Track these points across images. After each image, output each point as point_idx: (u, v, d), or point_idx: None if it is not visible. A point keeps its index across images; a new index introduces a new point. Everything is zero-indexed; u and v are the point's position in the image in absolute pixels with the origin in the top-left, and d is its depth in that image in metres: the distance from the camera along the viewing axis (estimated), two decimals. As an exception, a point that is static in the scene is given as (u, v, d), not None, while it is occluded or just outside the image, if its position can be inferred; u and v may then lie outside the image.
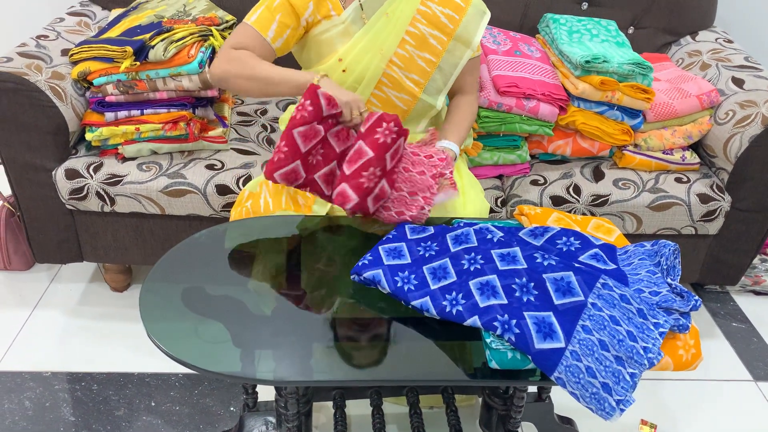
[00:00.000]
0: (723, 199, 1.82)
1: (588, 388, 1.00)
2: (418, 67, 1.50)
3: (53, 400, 1.73)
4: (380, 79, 1.49)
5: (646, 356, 1.02)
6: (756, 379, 1.93)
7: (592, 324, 1.04)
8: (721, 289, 2.28)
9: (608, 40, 1.96)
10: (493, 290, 1.09)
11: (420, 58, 1.49)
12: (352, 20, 1.46)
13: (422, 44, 1.48)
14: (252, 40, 1.44)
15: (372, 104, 1.53)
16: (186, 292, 1.20)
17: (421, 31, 1.47)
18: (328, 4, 1.44)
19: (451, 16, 1.48)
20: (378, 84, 1.50)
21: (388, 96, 1.52)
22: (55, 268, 2.21)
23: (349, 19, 1.45)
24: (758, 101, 1.80)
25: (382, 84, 1.50)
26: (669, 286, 1.13)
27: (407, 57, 1.48)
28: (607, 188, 1.82)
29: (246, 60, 1.41)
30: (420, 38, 1.48)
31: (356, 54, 1.47)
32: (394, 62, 1.48)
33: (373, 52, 1.46)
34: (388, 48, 1.46)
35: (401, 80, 1.50)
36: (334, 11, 1.44)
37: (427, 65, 1.51)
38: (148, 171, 1.77)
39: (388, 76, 1.49)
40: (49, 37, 1.90)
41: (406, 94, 1.52)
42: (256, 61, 1.41)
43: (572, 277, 1.10)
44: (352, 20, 1.46)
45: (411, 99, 1.53)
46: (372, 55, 1.47)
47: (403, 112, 1.56)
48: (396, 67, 1.49)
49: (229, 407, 1.74)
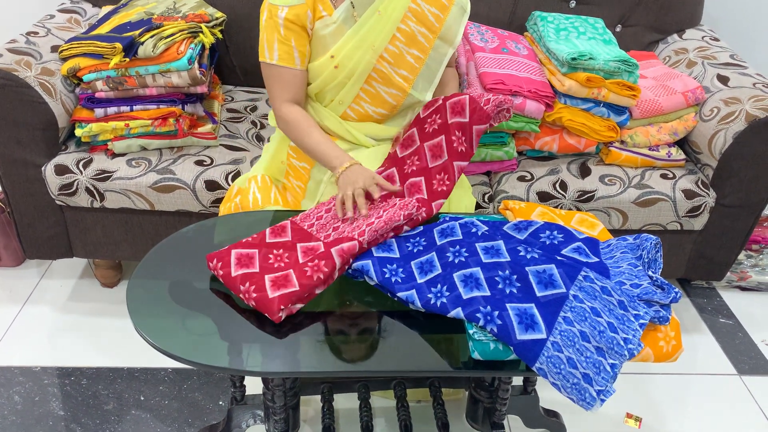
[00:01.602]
0: (708, 195, 1.84)
1: (569, 379, 1.01)
2: (407, 63, 1.53)
3: (42, 395, 1.74)
4: (370, 74, 1.51)
5: (626, 347, 1.04)
6: (740, 373, 1.95)
7: (574, 315, 1.05)
8: (708, 285, 2.30)
9: (595, 37, 1.98)
10: (477, 282, 1.11)
11: (409, 54, 1.52)
12: (343, 19, 1.48)
13: (411, 41, 1.51)
14: (287, 77, 1.49)
15: (362, 99, 1.55)
16: (173, 286, 1.21)
17: (411, 29, 1.50)
18: (319, 6, 1.47)
19: (437, 15, 1.52)
20: (368, 79, 1.52)
21: (378, 91, 1.54)
22: (45, 263, 2.21)
23: (341, 18, 1.47)
24: (742, 98, 1.82)
25: (372, 79, 1.52)
26: (650, 279, 1.15)
27: (397, 53, 1.50)
28: (594, 184, 1.83)
29: (294, 127, 1.50)
30: (409, 35, 1.50)
31: (348, 50, 1.49)
32: (384, 58, 1.50)
33: (364, 48, 1.48)
34: (380, 44, 1.48)
35: (391, 75, 1.52)
36: (326, 12, 1.47)
37: (415, 61, 1.53)
38: (138, 167, 1.78)
39: (378, 71, 1.51)
40: (39, 33, 1.91)
41: (395, 89, 1.54)
42: (302, 127, 1.49)
43: (554, 269, 1.11)
44: (343, 19, 1.48)
45: (400, 94, 1.55)
46: (363, 51, 1.49)
47: (392, 107, 1.57)
48: (386, 63, 1.51)
49: (218, 401, 1.75)
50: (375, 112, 1.57)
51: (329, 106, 1.58)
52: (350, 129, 1.57)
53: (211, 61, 2.01)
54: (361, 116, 1.58)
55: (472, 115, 1.44)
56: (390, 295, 1.17)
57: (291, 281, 1.13)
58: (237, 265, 1.17)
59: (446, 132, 1.44)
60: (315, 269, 1.15)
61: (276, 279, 1.14)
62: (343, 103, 1.56)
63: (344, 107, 1.56)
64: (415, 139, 1.48)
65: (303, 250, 1.23)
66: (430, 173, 1.42)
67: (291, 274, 1.15)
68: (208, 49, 1.92)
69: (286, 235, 1.27)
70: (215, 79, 2.15)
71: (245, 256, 1.19)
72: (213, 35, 1.94)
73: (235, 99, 2.16)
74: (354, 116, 1.58)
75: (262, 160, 1.69)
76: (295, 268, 1.16)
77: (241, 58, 2.20)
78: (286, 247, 1.24)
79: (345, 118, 1.58)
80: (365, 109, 1.56)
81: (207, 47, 1.90)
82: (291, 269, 1.16)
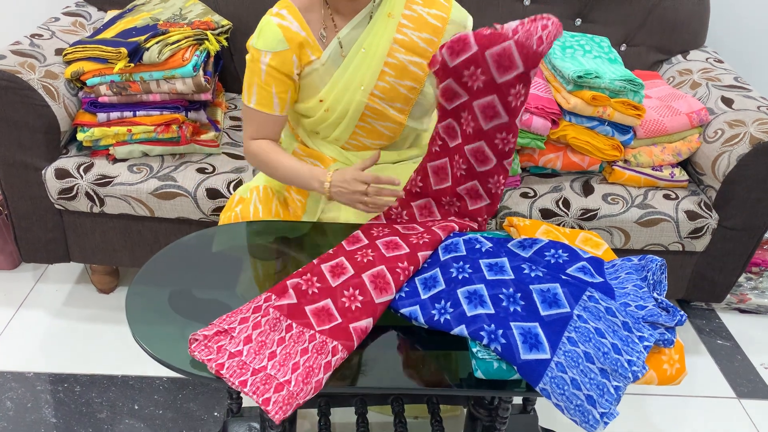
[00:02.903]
0: (710, 216, 1.83)
1: (573, 400, 1.00)
2: (401, 96, 1.47)
3: (35, 401, 1.72)
4: (363, 112, 1.46)
5: (630, 369, 1.03)
6: (739, 396, 1.94)
7: (578, 336, 1.04)
8: (707, 307, 2.29)
9: (601, 56, 1.98)
10: (481, 299, 1.10)
11: (402, 86, 1.45)
12: (332, 60, 1.42)
13: (402, 73, 1.44)
14: (262, 121, 1.44)
15: (359, 135, 1.51)
16: (173, 295, 1.20)
17: (400, 60, 1.43)
18: (307, 50, 1.40)
19: (430, 40, 1.44)
20: (362, 117, 1.47)
21: (374, 126, 1.50)
22: (41, 267, 2.19)
23: (329, 59, 1.42)
24: (747, 121, 1.82)
25: (366, 116, 1.47)
26: (655, 301, 1.14)
27: (388, 88, 1.44)
28: (596, 203, 1.83)
29: (261, 159, 1.46)
30: (400, 67, 1.43)
31: (336, 93, 1.44)
32: (375, 95, 1.44)
33: (353, 89, 1.43)
34: (369, 82, 1.42)
35: (385, 111, 1.47)
36: (314, 55, 1.41)
37: (409, 92, 1.47)
38: (139, 173, 1.77)
39: (372, 108, 1.46)
40: (44, 36, 1.90)
41: (391, 123, 1.50)
42: (270, 158, 1.44)
43: (559, 288, 1.10)
44: (332, 60, 1.42)
45: (397, 126, 1.51)
46: (353, 92, 1.43)
47: (390, 138, 1.54)
48: (378, 99, 1.45)
49: (213, 412, 1.73)
50: (373, 144, 1.54)
51: (327, 140, 1.55)
52: (350, 157, 1.54)
53: (215, 68, 2.01)
54: (360, 148, 1.55)
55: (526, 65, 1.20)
56: (393, 311, 1.16)
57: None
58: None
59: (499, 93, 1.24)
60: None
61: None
62: (339, 140, 1.52)
63: (341, 143, 1.53)
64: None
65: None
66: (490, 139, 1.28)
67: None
68: (213, 56, 1.91)
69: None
70: (219, 86, 2.15)
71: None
72: (218, 43, 1.94)
73: (239, 107, 2.15)
74: (352, 148, 1.55)
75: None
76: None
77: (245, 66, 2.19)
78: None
79: (344, 149, 1.55)
80: (363, 142, 1.53)
81: (212, 55, 1.90)
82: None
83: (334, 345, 1.06)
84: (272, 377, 1.01)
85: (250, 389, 1.00)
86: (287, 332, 1.08)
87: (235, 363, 1.03)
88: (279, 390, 1.00)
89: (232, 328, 1.07)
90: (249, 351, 1.05)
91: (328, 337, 1.07)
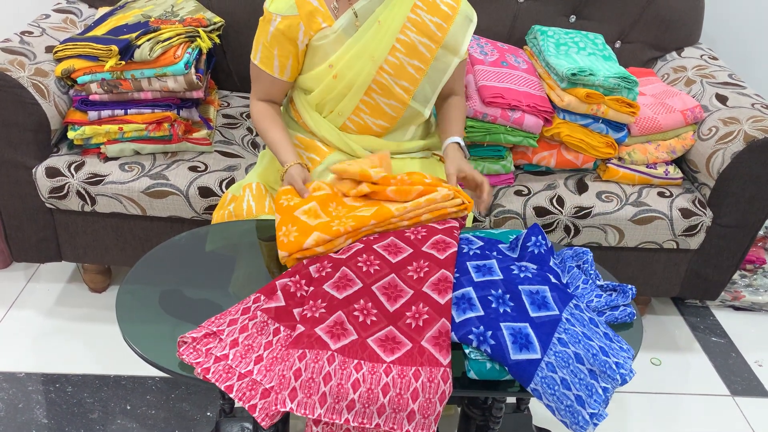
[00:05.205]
0: (705, 214, 1.83)
1: (563, 401, 1.00)
2: (408, 74, 1.50)
3: (26, 402, 1.71)
4: (370, 85, 1.49)
5: (618, 371, 1.03)
6: (733, 394, 1.94)
7: (568, 337, 1.04)
8: (701, 304, 2.29)
9: (595, 53, 1.97)
10: (469, 302, 1.09)
11: (410, 65, 1.50)
12: (344, 29, 1.46)
13: (412, 52, 1.49)
14: (265, 80, 1.54)
15: (362, 111, 1.53)
16: (164, 294, 1.19)
17: (411, 39, 1.48)
18: (318, 18, 1.44)
19: (439, 25, 1.49)
20: (368, 90, 1.50)
21: (378, 102, 1.52)
22: (32, 267, 2.18)
23: (341, 28, 1.45)
24: (741, 118, 1.81)
25: (372, 90, 1.50)
26: (600, 289, 1.20)
27: (397, 64, 1.48)
28: (591, 200, 1.82)
29: (258, 123, 1.56)
30: (410, 46, 1.48)
31: (347, 60, 1.47)
32: (384, 69, 1.48)
33: (364, 59, 1.46)
34: (380, 55, 1.47)
35: (391, 87, 1.50)
36: (326, 23, 1.45)
37: (416, 72, 1.51)
38: (131, 171, 1.76)
39: (378, 82, 1.49)
40: (34, 33, 1.88)
41: (395, 101, 1.52)
42: (263, 125, 1.55)
43: (548, 292, 1.11)
44: (344, 29, 1.46)
45: (401, 106, 1.53)
46: (364, 62, 1.47)
47: (392, 119, 1.56)
48: (386, 74, 1.49)
49: (206, 412, 1.72)
50: (375, 124, 1.56)
51: (328, 117, 1.56)
52: (349, 141, 1.55)
53: (207, 66, 1.99)
54: (360, 128, 1.56)
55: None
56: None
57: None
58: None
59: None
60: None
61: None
62: (342, 114, 1.54)
63: (343, 119, 1.55)
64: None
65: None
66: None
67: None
68: (205, 53, 1.90)
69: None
70: (211, 84, 2.13)
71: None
72: (210, 40, 1.92)
73: (231, 105, 2.14)
74: (353, 128, 1.56)
75: (257, 168, 1.67)
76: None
77: (238, 63, 2.18)
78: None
79: (344, 129, 1.57)
80: (365, 120, 1.55)
81: (204, 52, 1.88)
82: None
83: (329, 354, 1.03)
84: (258, 383, 1.01)
85: (236, 395, 0.99)
86: (275, 336, 1.07)
87: (221, 367, 1.02)
88: (265, 396, 0.99)
89: (220, 330, 1.06)
90: (235, 355, 1.04)
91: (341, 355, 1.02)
